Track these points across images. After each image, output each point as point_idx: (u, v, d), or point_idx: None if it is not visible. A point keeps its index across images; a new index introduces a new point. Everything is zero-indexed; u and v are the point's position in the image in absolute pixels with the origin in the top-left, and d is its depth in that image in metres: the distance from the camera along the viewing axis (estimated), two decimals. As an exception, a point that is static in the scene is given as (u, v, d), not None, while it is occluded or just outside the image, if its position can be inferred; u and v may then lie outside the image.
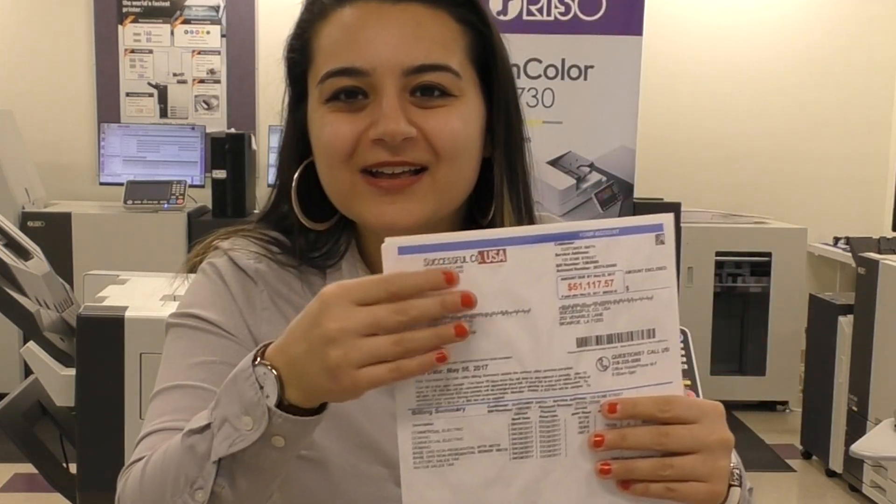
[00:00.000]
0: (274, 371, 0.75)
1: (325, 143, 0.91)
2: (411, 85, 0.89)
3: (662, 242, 0.78)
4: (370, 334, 0.72)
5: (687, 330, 2.11)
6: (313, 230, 0.97)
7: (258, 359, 0.76)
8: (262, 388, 0.75)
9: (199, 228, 4.65)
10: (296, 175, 0.96)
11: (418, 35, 0.89)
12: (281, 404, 0.75)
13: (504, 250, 0.75)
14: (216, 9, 5.23)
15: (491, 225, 0.95)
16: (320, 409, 0.77)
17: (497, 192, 0.95)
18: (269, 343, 0.77)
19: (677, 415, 0.76)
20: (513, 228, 0.81)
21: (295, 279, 0.96)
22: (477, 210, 0.98)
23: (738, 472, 0.81)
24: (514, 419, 0.76)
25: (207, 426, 0.78)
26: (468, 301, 0.72)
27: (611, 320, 0.77)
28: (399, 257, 0.74)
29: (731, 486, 0.80)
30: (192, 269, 1.00)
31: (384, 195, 0.90)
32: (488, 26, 0.94)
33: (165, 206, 4.66)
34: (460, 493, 0.77)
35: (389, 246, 0.74)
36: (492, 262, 0.75)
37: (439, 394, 0.76)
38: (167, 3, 5.22)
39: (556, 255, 0.75)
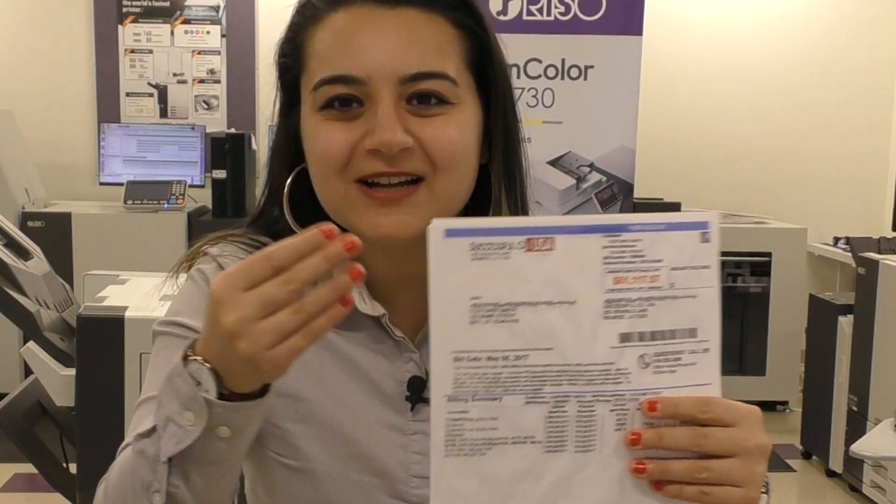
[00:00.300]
0: (207, 364, 0.74)
1: (320, 153, 0.88)
2: (407, 93, 0.86)
3: (707, 241, 0.77)
4: (268, 314, 0.70)
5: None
6: None
7: (189, 356, 0.75)
8: (198, 383, 0.74)
9: (199, 228, 4.65)
10: (287, 182, 0.93)
11: (414, 41, 0.87)
12: (222, 395, 0.74)
13: (553, 239, 0.73)
14: (216, 9, 5.23)
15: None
16: (263, 392, 0.76)
17: (495, 198, 0.93)
18: (196, 340, 0.76)
19: (717, 417, 0.74)
20: (562, 217, 0.77)
21: None
22: (473, 216, 0.95)
23: (766, 480, 0.80)
24: (551, 412, 0.75)
25: (153, 429, 0.77)
26: (352, 247, 0.70)
27: (654, 317, 0.75)
28: (444, 240, 0.72)
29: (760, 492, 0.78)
30: (181, 273, 0.99)
31: (380, 206, 0.87)
32: (485, 30, 0.92)
33: (165, 206, 4.66)
34: (490, 483, 0.75)
35: (436, 228, 0.72)
36: (539, 249, 0.73)
37: (477, 381, 0.74)
38: (167, 3, 5.22)
39: (604, 246, 0.74)
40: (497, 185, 0.93)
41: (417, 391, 0.92)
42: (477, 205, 0.95)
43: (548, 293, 0.73)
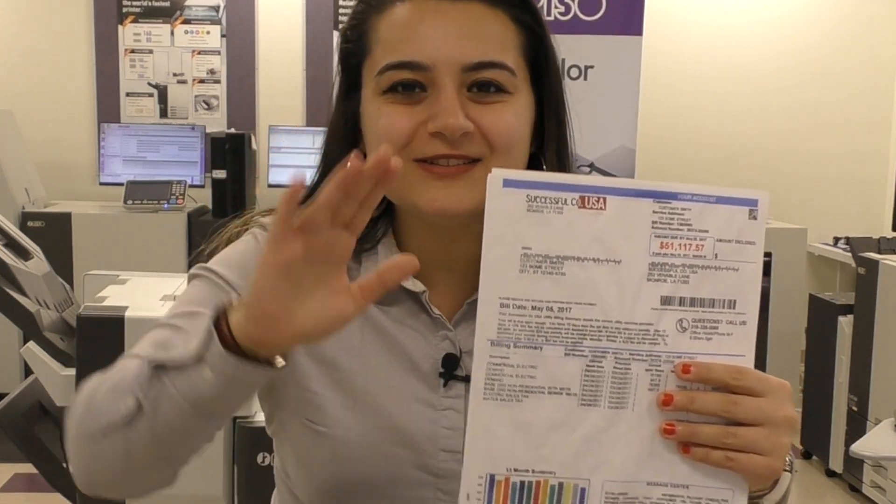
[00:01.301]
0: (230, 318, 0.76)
1: (381, 133, 0.91)
2: (469, 81, 0.91)
3: (755, 218, 0.78)
4: (313, 236, 0.72)
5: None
6: None
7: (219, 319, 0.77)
8: (217, 322, 0.76)
9: (199, 228, 4.65)
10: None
11: (476, 32, 0.91)
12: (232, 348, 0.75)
13: (605, 199, 0.76)
14: (216, 9, 5.23)
15: None
16: (271, 365, 0.76)
17: None
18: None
19: (748, 385, 0.76)
20: (617, 179, 0.80)
21: None
22: None
23: (790, 458, 0.83)
24: (588, 366, 0.77)
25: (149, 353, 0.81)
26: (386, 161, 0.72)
27: (696, 284, 0.77)
28: (503, 189, 0.75)
29: (783, 469, 0.81)
30: (228, 240, 1.03)
31: (437, 180, 0.91)
32: (542, 27, 0.96)
33: (165, 206, 4.66)
34: (524, 430, 0.77)
35: (495, 177, 0.76)
36: (592, 208, 0.76)
37: (520, 329, 0.76)
38: (167, 3, 5.22)
39: (654, 211, 0.77)
40: (550, 166, 0.99)
41: (451, 368, 0.95)
42: None
43: (595, 250, 0.76)
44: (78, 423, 0.85)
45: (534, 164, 0.99)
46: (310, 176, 1.00)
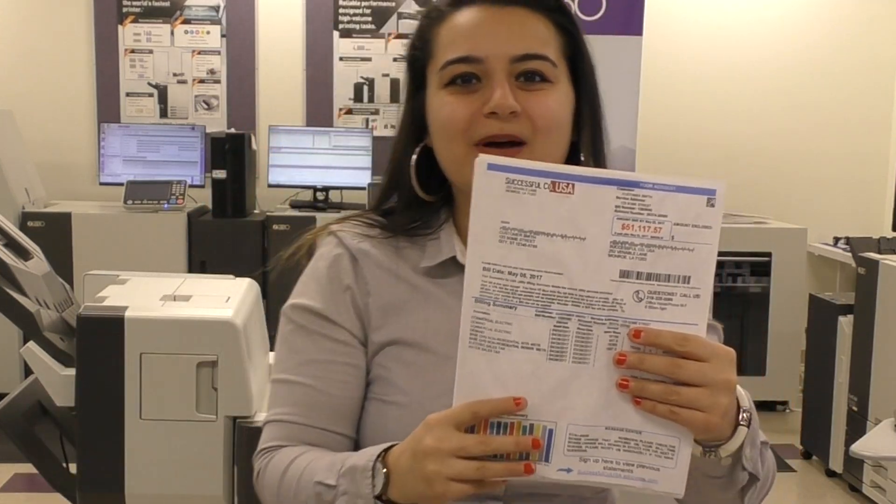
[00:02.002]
0: (385, 470, 0.95)
1: (445, 120, 1.08)
2: (517, 71, 1.06)
3: (713, 205, 0.88)
4: (460, 457, 0.89)
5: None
6: (417, 209, 1.15)
7: (380, 457, 0.96)
8: (373, 482, 0.95)
9: (199, 228, 4.65)
10: (416, 151, 1.13)
11: (522, 31, 1.07)
12: (381, 497, 0.95)
13: (573, 185, 0.88)
14: (216, 9, 5.23)
15: None
16: None
17: (586, 163, 1.11)
18: (393, 446, 0.97)
19: (691, 351, 0.88)
20: (584, 168, 0.92)
21: (392, 252, 1.14)
22: None
23: (748, 415, 0.94)
24: (555, 326, 0.89)
25: (334, 486, 0.99)
26: (537, 445, 0.89)
27: (652, 261, 0.88)
28: (486, 172, 0.89)
29: (739, 425, 0.93)
30: (309, 250, 1.19)
31: None
32: (577, 29, 1.12)
33: (165, 206, 4.66)
34: (500, 379, 0.89)
35: (481, 161, 0.89)
36: (561, 192, 0.88)
37: (498, 290, 0.89)
38: (167, 3, 5.22)
39: (617, 197, 0.88)
40: (586, 156, 1.13)
41: None
42: None
43: (563, 228, 0.88)
44: (273, 501, 1.08)
45: (573, 152, 1.12)
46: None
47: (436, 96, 1.10)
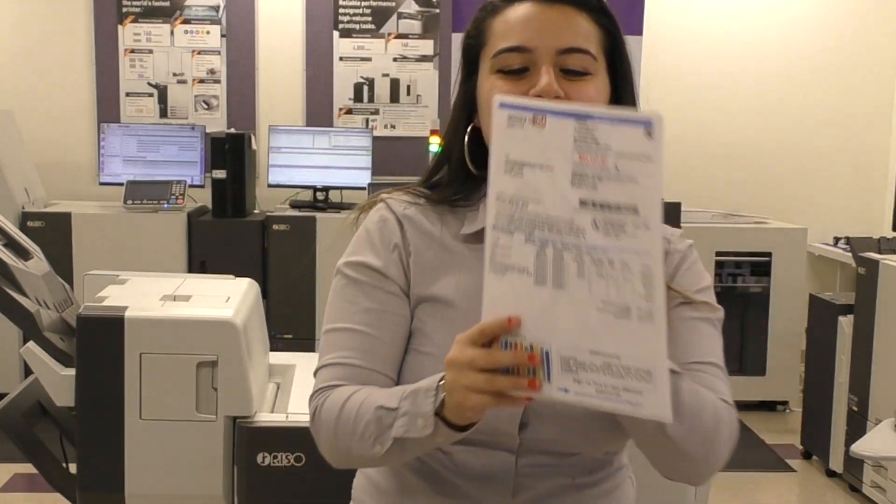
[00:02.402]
0: (443, 393, 1.05)
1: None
2: (561, 63, 1.19)
3: (651, 137, 0.92)
4: (471, 368, 0.99)
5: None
6: (462, 183, 1.27)
7: (442, 379, 1.06)
8: (436, 395, 1.06)
9: (199, 228, 4.65)
10: (468, 129, 1.26)
11: (568, 27, 1.20)
12: (438, 414, 1.06)
13: (545, 118, 0.96)
14: (216, 9, 5.23)
15: None
16: (467, 428, 1.07)
17: None
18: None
19: None
20: (554, 103, 1.02)
21: (435, 219, 1.27)
22: None
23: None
24: (538, 252, 0.97)
25: (395, 409, 1.10)
26: (532, 359, 0.98)
27: (603, 191, 0.94)
28: (498, 109, 0.99)
29: None
30: (363, 211, 1.31)
31: None
32: (617, 28, 1.25)
33: (165, 206, 4.66)
34: (504, 301, 0.99)
35: (497, 100, 0.99)
36: (538, 125, 0.97)
37: (503, 218, 0.98)
38: (167, 3, 5.22)
39: (574, 128, 0.95)
40: None
41: None
42: None
43: (539, 158, 0.96)
44: (333, 440, 1.18)
45: None
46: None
47: (487, 80, 1.22)
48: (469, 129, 1.26)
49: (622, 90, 1.25)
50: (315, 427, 1.20)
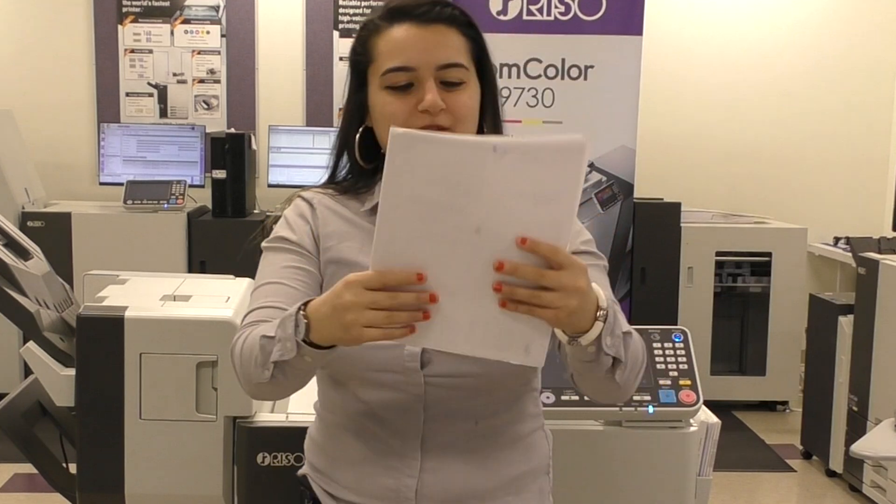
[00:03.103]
0: (306, 320, 1.20)
1: (390, 115, 1.37)
2: (440, 77, 1.37)
3: (571, 158, 1.07)
4: (373, 308, 1.12)
5: (687, 330, 2.10)
6: (361, 176, 1.48)
7: (301, 310, 1.21)
8: (297, 328, 1.21)
9: (199, 228, 4.65)
10: (358, 133, 1.45)
11: (443, 44, 1.38)
12: (305, 340, 1.20)
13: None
14: (216, 9, 5.23)
15: None
16: (331, 348, 1.21)
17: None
18: (311, 300, 1.21)
19: (558, 261, 1.11)
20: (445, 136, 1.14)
21: (340, 202, 1.48)
22: None
23: (604, 313, 1.19)
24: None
25: (272, 337, 1.25)
26: (433, 299, 1.11)
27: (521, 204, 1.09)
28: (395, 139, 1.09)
29: (596, 320, 1.18)
30: (284, 206, 1.52)
31: None
32: (481, 38, 1.44)
33: (165, 206, 4.66)
34: (406, 252, 1.12)
35: (393, 132, 1.09)
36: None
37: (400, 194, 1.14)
38: (167, 3, 5.22)
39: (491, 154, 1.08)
40: (489, 129, 1.45)
41: None
42: None
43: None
44: (239, 371, 1.35)
45: (479, 132, 1.43)
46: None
47: (378, 95, 1.40)
48: (362, 130, 1.45)
49: (488, 89, 1.44)
50: (232, 361, 1.37)
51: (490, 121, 1.46)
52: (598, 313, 1.18)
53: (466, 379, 1.36)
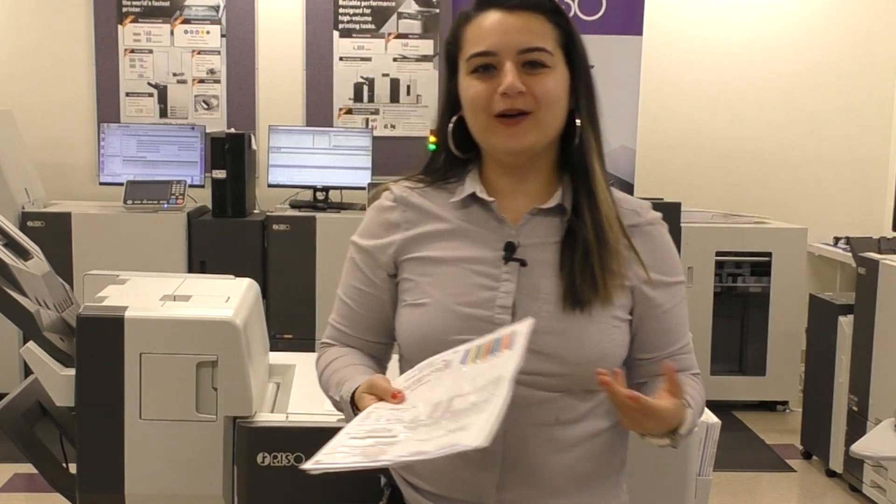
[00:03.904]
0: (353, 408, 1.40)
1: (472, 98, 1.44)
2: (522, 60, 1.42)
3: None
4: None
5: (687, 330, 2.10)
6: (453, 165, 1.53)
7: (353, 398, 1.40)
8: (347, 412, 1.42)
9: (199, 228, 4.65)
10: (452, 121, 1.50)
11: (526, 29, 1.43)
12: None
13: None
14: (216, 9, 5.23)
15: (579, 149, 1.48)
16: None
17: (583, 128, 1.48)
18: (357, 388, 1.40)
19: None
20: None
21: (428, 197, 1.53)
22: (566, 146, 1.50)
23: (686, 429, 1.38)
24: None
25: (338, 401, 1.47)
26: (400, 398, 1.33)
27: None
28: None
29: (673, 433, 1.37)
30: (375, 196, 1.57)
31: (506, 128, 1.43)
32: (570, 25, 1.48)
33: (165, 206, 4.66)
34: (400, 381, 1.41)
35: None
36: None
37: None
38: (167, 3, 5.22)
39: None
40: (582, 120, 1.48)
41: (510, 251, 1.46)
42: (570, 136, 1.49)
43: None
44: (319, 384, 1.57)
45: (571, 122, 1.48)
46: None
47: (464, 80, 1.46)
48: (454, 121, 1.50)
49: (579, 74, 1.48)
50: (316, 369, 1.58)
51: (584, 104, 1.48)
52: (678, 430, 1.36)
53: (549, 378, 1.40)
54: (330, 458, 1.19)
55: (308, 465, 1.18)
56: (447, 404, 1.23)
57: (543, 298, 1.42)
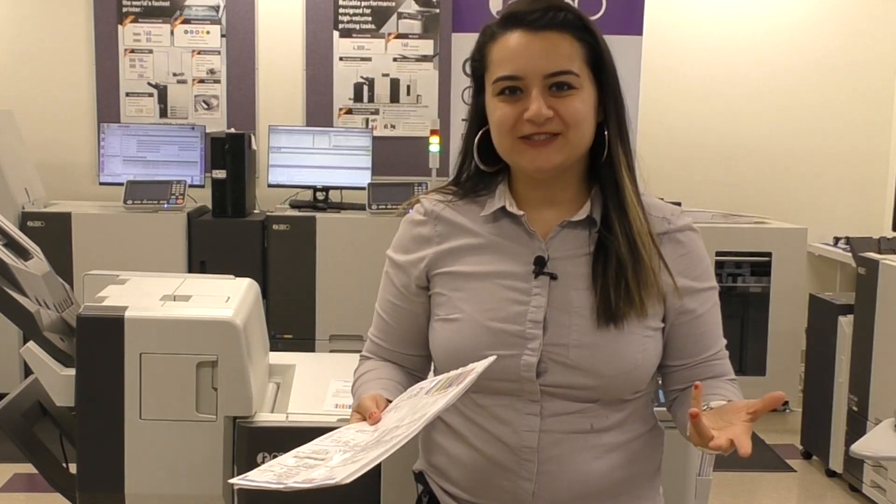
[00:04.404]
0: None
1: (498, 121, 1.45)
2: (549, 83, 1.41)
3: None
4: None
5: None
6: (482, 178, 1.54)
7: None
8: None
9: (199, 228, 4.65)
10: (477, 137, 1.51)
11: (552, 52, 1.41)
12: None
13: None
14: (216, 9, 5.23)
15: (608, 161, 1.47)
16: None
17: (612, 141, 1.47)
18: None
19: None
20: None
21: (460, 211, 1.54)
22: (594, 157, 1.50)
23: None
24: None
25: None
26: (377, 419, 1.37)
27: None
28: None
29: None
30: (403, 212, 1.59)
31: (533, 149, 1.43)
32: (598, 42, 1.46)
33: (165, 206, 4.66)
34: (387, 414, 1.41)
35: None
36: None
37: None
38: (167, 3, 5.22)
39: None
40: (611, 134, 1.47)
41: (540, 265, 1.46)
42: (598, 150, 1.49)
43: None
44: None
45: (599, 133, 1.47)
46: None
47: (491, 101, 1.46)
48: (480, 135, 1.50)
49: (608, 91, 1.47)
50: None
51: (613, 120, 1.48)
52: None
53: (582, 391, 1.42)
54: (255, 474, 1.21)
55: (233, 480, 1.22)
56: (388, 432, 1.26)
57: (576, 312, 1.42)
